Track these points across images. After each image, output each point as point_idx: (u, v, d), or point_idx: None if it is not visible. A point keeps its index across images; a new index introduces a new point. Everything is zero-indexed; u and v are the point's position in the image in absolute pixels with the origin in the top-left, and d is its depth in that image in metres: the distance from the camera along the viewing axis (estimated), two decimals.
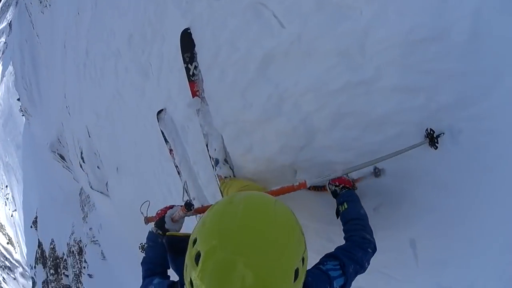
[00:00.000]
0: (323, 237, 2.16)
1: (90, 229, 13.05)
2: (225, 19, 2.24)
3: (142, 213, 2.10)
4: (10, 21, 24.93)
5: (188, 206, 1.64)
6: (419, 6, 1.52)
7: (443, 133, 1.65)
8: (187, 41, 2.60)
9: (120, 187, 6.15)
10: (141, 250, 3.31)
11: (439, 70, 1.56)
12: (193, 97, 2.65)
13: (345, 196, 1.72)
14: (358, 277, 2.24)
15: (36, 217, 20.92)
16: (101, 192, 7.66)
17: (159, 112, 3.37)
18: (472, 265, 1.96)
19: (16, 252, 26.25)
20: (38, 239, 20.43)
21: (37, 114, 17.88)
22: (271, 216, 1.03)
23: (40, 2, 11.73)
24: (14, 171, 25.64)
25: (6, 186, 26.79)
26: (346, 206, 1.68)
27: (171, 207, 1.74)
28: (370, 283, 2.40)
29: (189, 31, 2.59)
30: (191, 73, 2.62)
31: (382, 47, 1.62)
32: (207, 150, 2.67)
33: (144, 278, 1.61)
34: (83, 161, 7.79)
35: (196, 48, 2.57)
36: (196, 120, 2.80)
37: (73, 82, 7.61)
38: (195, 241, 1.00)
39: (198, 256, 0.97)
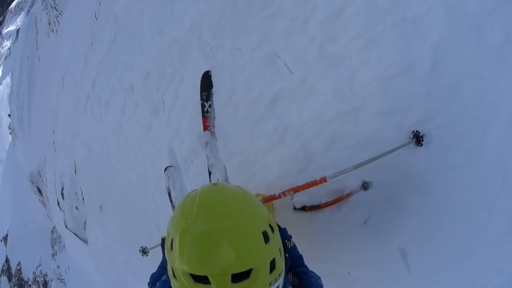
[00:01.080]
0: (319, 260, 2.55)
1: (58, 267, 13.19)
2: (244, 65, 2.98)
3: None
4: (19, 28, 26.43)
5: None
6: (392, 50, 2.25)
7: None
8: (206, 82, 3.31)
9: (101, 226, 6.49)
10: (141, 253, 3.66)
11: (409, 95, 2.21)
12: (204, 130, 3.31)
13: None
14: None
15: (7, 235, 21.25)
16: (75, 234, 7.96)
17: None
18: (467, 265, 2.27)
19: None
20: (7, 255, 20.95)
21: (23, 139, 18.42)
22: (225, 189, 1.31)
23: (49, 24, 12.62)
24: None
25: None
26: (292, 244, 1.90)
27: None
28: None
29: (209, 73, 3.32)
30: (205, 109, 3.29)
31: (366, 83, 2.33)
32: (209, 181, 3.25)
33: (160, 266, 1.86)
34: (62, 198, 8.20)
35: (213, 90, 3.26)
36: (200, 154, 3.41)
37: (68, 115, 8.25)
38: (168, 235, 1.23)
39: (172, 243, 1.17)
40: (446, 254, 2.28)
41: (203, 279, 1.10)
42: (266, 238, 1.17)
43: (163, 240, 1.62)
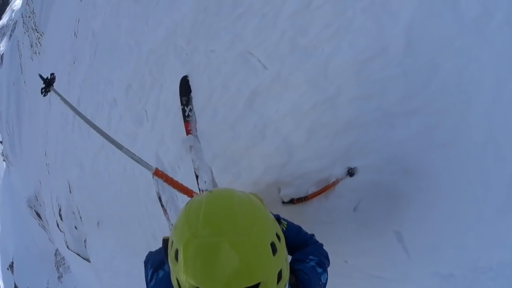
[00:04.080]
0: None
1: None
2: (219, 66, 2.94)
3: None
4: (2, 54, 26.32)
5: None
6: (364, 34, 2.21)
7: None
8: (185, 87, 3.27)
9: (100, 242, 6.48)
10: None
11: (385, 77, 2.17)
12: (187, 135, 3.26)
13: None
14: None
15: (12, 262, 21.14)
16: (78, 254, 7.91)
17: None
18: (467, 242, 2.23)
19: None
20: (15, 283, 20.77)
21: (17, 165, 18.31)
22: (233, 198, 1.24)
23: (31, 46, 12.52)
24: None
25: None
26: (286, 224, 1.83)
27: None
28: None
29: (187, 78, 3.28)
30: (186, 114, 3.26)
31: (340, 70, 2.29)
32: (197, 184, 3.21)
33: (158, 253, 1.75)
34: (61, 219, 8.13)
35: (192, 93, 3.23)
36: (186, 159, 3.36)
37: (58, 136, 8.19)
38: (172, 244, 1.18)
39: (177, 253, 1.13)
40: (444, 233, 2.25)
41: None
42: (274, 250, 1.13)
43: (165, 240, 1.52)
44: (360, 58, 2.22)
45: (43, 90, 2.53)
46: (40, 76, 2.71)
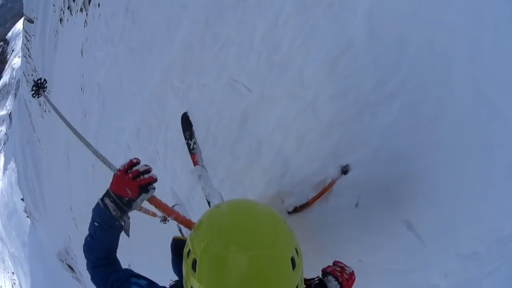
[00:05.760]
0: (326, 256, 2.40)
1: None
2: (212, 98, 3.24)
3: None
4: (10, 113, 26.92)
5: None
6: (328, 35, 2.36)
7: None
8: (186, 122, 3.58)
9: None
10: (162, 221, 3.92)
11: (356, 69, 2.24)
12: (194, 166, 3.55)
13: None
14: (376, 285, 2.59)
15: None
16: None
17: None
18: (483, 213, 2.14)
19: None
20: None
21: (42, 220, 18.42)
22: (255, 211, 1.23)
23: (40, 105, 12.88)
24: (21, 264, 26.14)
25: (13, 273, 27.80)
26: None
27: (151, 180, 1.69)
28: (388, 286, 2.70)
29: (187, 114, 3.60)
30: (191, 147, 3.54)
31: (314, 76, 2.45)
32: None
33: (94, 267, 1.68)
34: None
35: (193, 127, 3.53)
36: (198, 189, 3.63)
37: (81, 189, 8.54)
38: (189, 252, 1.17)
39: (194, 263, 1.12)
40: (455, 209, 2.19)
41: None
42: (294, 265, 1.13)
43: (174, 240, 1.56)
44: (329, 58, 2.35)
45: (34, 94, 2.80)
46: (33, 80, 2.91)
